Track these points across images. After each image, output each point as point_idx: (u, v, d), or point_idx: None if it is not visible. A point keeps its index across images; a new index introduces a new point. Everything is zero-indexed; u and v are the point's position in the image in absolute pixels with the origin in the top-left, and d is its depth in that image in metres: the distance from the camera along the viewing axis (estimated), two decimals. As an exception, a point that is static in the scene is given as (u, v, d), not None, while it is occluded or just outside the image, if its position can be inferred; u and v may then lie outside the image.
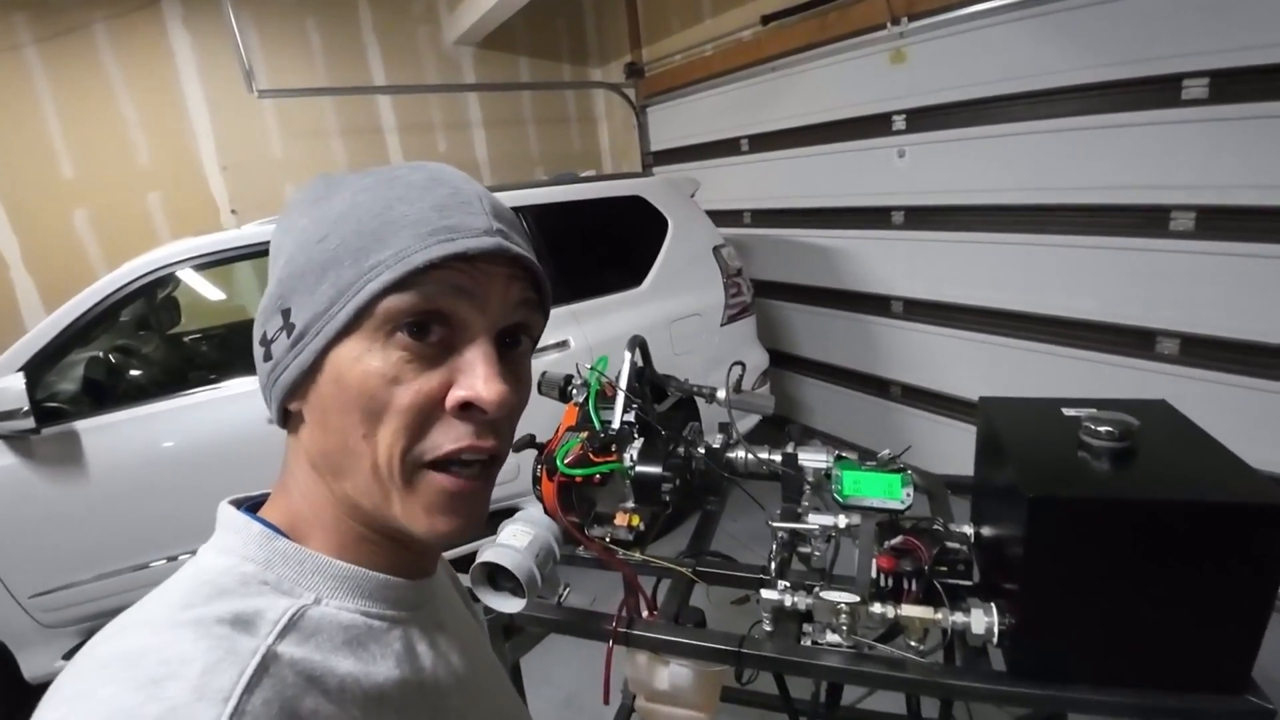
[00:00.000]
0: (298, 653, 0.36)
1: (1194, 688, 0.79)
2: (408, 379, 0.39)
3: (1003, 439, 0.90)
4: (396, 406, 0.39)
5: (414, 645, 0.44)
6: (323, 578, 0.41)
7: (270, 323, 0.42)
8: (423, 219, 0.39)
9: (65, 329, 1.96)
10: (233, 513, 0.43)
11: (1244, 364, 2.07)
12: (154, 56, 3.65)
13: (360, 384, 0.39)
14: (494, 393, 0.39)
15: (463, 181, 0.43)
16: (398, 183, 0.42)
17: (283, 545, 0.41)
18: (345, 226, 0.40)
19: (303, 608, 0.39)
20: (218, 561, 0.41)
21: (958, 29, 2.58)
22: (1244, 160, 1.97)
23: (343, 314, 0.39)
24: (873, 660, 0.90)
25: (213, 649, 0.33)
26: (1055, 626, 0.81)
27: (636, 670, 1.04)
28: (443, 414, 0.40)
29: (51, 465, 1.93)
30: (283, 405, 0.43)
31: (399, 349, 0.39)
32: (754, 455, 1.22)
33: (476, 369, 0.40)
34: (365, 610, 0.42)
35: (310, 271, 0.40)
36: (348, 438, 0.40)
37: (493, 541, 0.89)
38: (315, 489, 0.43)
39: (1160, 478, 0.80)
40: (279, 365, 0.41)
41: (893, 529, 1.01)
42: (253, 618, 0.36)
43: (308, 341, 0.40)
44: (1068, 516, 0.76)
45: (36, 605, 1.99)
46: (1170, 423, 0.91)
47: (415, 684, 0.42)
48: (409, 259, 0.38)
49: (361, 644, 0.40)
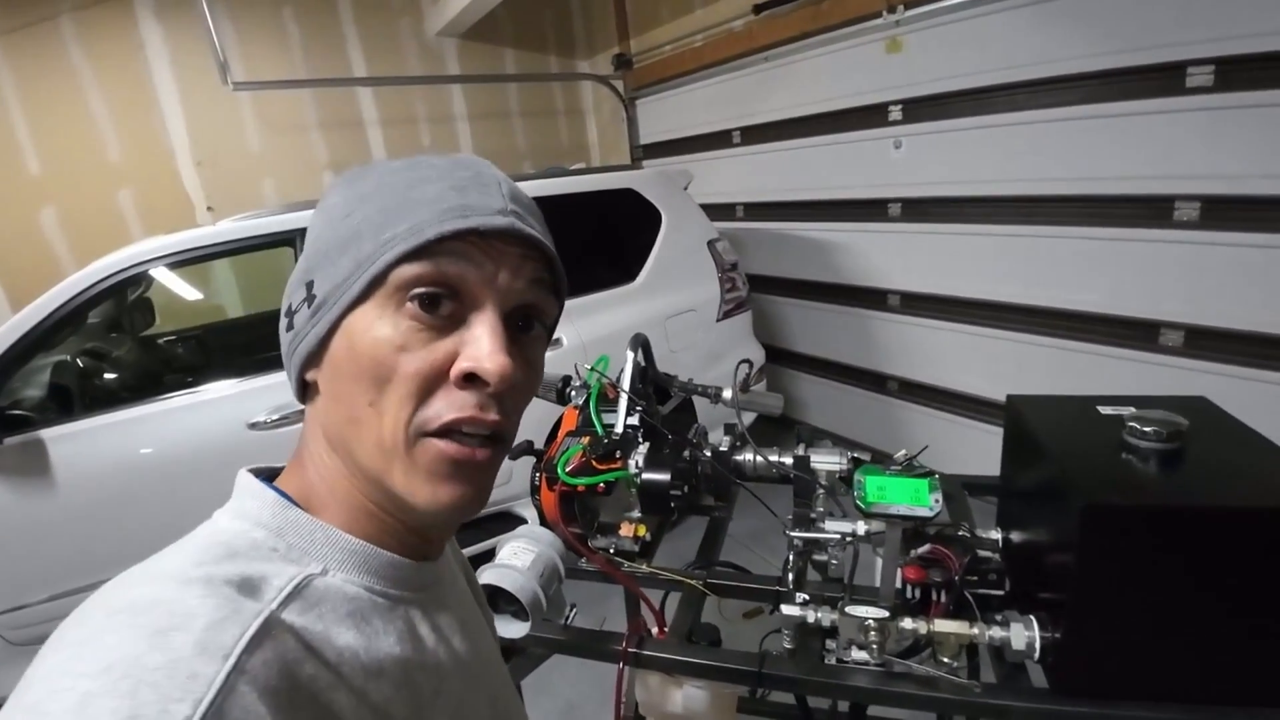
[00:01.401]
0: (299, 620, 0.37)
1: (1252, 702, 0.74)
2: (415, 347, 0.40)
3: (1040, 439, 0.84)
4: (402, 374, 0.40)
5: (416, 626, 0.45)
6: (332, 549, 0.42)
7: (295, 295, 0.43)
8: (441, 197, 0.41)
9: (28, 332, 1.85)
10: (250, 480, 0.44)
11: (1250, 355, 2.04)
12: (124, 49, 3.51)
13: (370, 350, 0.40)
14: (497, 364, 0.40)
15: (485, 167, 0.45)
16: (422, 165, 0.44)
17: (295, 515, 0.42)
18: (370, 205, 0.42)
19: (309, 577, 0.39)
20: (232, 525, 0.42)
21: (955, 16, 2.53)
22: (1249, 149, 1.94)
23: (359, 283, 0.40)
24: (905, 679, 0.84)
25: (219, 607, 0.33)
26: (1104, 640, 0.75)
27: (648, 693, 0.97)
28: (447, 383, 0.41)
29: (15, 476, 1.83)
30: (301, 375, 0.44)
31: (409, 318, 0.40)
32: (763, 458, 1.15)
33: (482, 341, 0.40)
34: (370, 586, 0.43)
35: (334, 245, 0.42)
36: (355, 406, 0.41)
37: (493, 562, 0.82)
38: (329, 462, 0.44)
39: (1214, 481, 0.75)
40: (299, 335, 0.43)
41: (918, 537, 0.95)
42: (259, 582, 0.37)
43: (326, 310, 0.41)
44: (1124, 525, 0.70)
45: (4, 623, 1.89)
46: (1216, 421, 0.86)
47: (416, 663, 0.43)
48: (423, 231, 0.39)
49: (364, 618, 0.41)
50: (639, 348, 1.19)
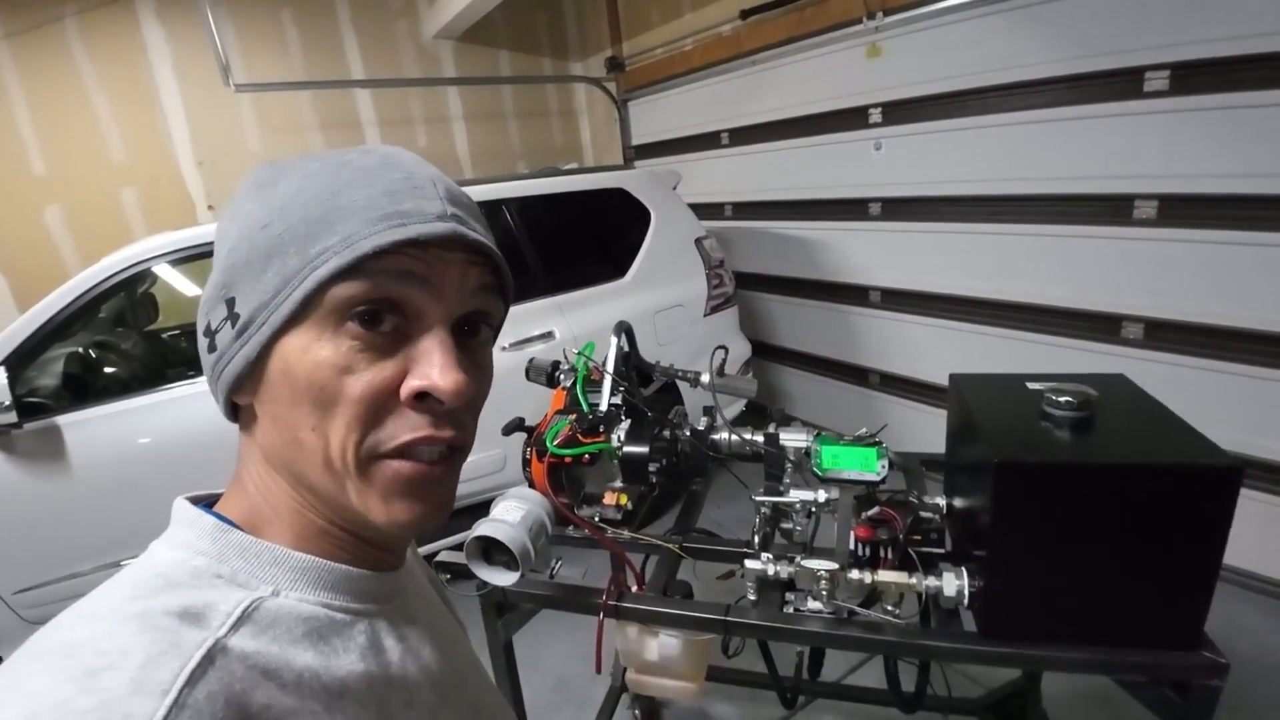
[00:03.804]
0: (251, 645, 0.35)
1: (1153, 644, 0.84)
2: (359, 369, 0.38)
3: (971, 411, 0.95)
4: (348, 397, 0.38)
5: (380, 639, 0.43)
6: (281, 569, 0.40)
7: (214, 312, 0.40)
8: (373, 204, 0.38)
9: (45, 323, 1.94)
10: (186, 507, 0.42)
11: (1205, 346, 2.15)
12: (127, 50, 3.60)
13: (309, 375, 0.38)
14: (451, 382, 0.38)
15: (416, 165, 0.42)
16: (347, 168, 0.40)
17: (237, 538, 0.40)
18: (292, 213, 0.39)
19: (258, 600, 0.38)
20: (168, 555, 0.40)
21: (932, 23, 2.64)
22: (1204, 150, 2.05)
23: (289, 303, 0.37)
24: (853, 625, 0.95)
25: (156, 641, 0.32)
26: (1022, 588, 0.86)
27: (627, 642, 1.08)
28: (397, 404, 0.39)
29: (34, 460, 1.92)
30: (230, 399, 0.42)
31: (350, 338, 0.38)
32: (738, 436, 1.26)
33: (433, 357, 0.39)
34: (327, 603, 0.41)
35: (255, 259, 0.39)
36: (298, 430, 0.39)
37: (486, 517, 0.92)
38: (270, 483, 0.42)
39: (1116, 444, 0.85)
40: (224, 357, 0.40)
41: (870, 501, 1.06)
42: (203, 610, 0.35)
43: (253, 332, 0.39)
44: (1031, 481, 0.81)
45: (20, 601, 1.98)
46: (1127, 394, 0.97)
47: (382, 677, 0.41)
48: (357, 245, 0.37)
49: (322, 637, 0.39)
50: (622, 334, 1.29)
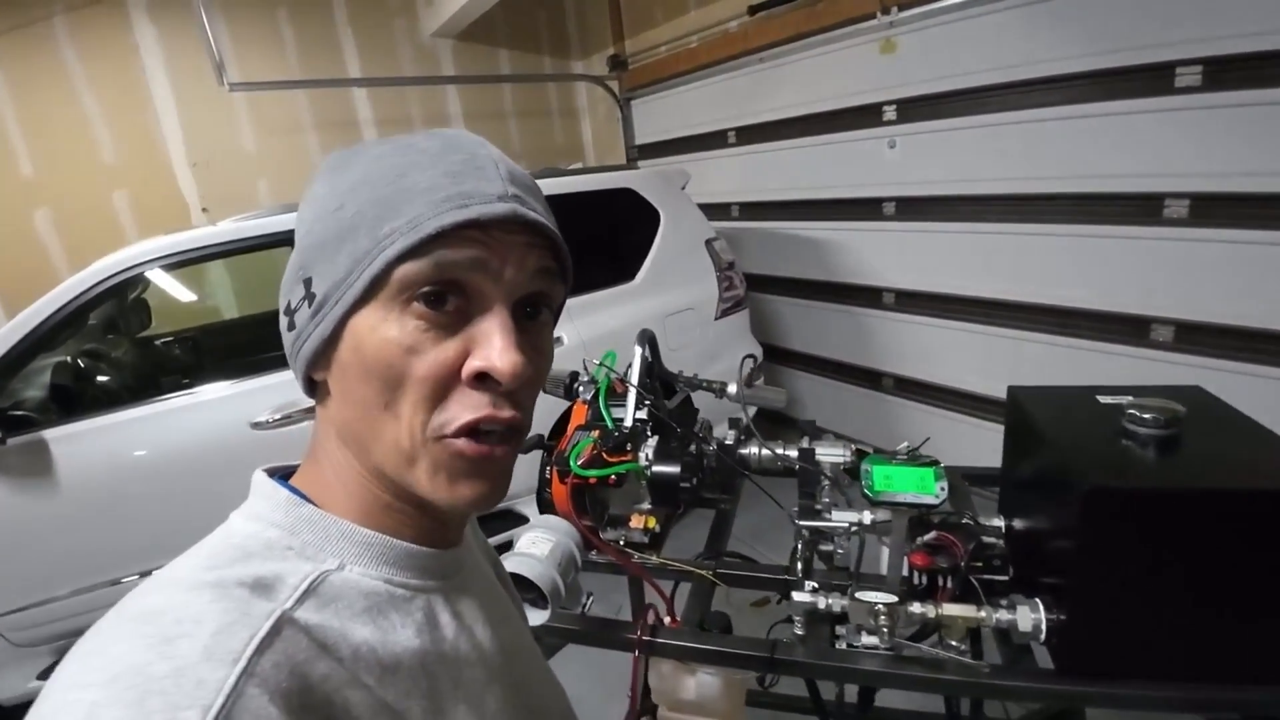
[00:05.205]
0: (314, 618, 0.37)
1: (1248, 680, 0.77)
2: (424, 349, 0.39)
3: (1041, 428, 0.87)
4: (414, 377, 0.39)
5: (437, 615, 0.45)
6: (348, 544, 0.42)
7: (293, 292, 0.42)
8: (436, 185, 0.39)
9: (30, 333, 1.85)
10: (264, 479, 0.44)
11: (1238, 349, 2.08)
12: (118, 50, 3.50)
13: (378, 353, 0.39)
14: (509, 363, 0.39)
15: (478, 147, 0.43)
16: (412, 149, 0.41)
17: (308, 511, 0.42)
18: (360, 195, 0.40)
19: (324, 573, 0.39)
20: (245, 526, 0.42)
21: (949, 18, 2.56)
22: (1237, 147, 1.98)
23: (360, 282, 0.39)
24: (914, 663, 0.86)
25: (228, 610, 0.33)
26: (1107, 621, 0.78)
27: (661, 680, 0.99)
28: (459, 384, 0.40)
29: (19, 476, 1.82)
30: (308, 375, 0.44)
31: (415, 318, 0.39)
32: (769, 451, 1.17)
33: (493, 339, 0.40)
34: (389, 578, 0.42)
35: (329, 240, 0.40)
36: (369, 408, 0.40)
37: (512, 551, 0.84)
38: (341, 458, 0.44)
39: (1211, 465, 0.78)
40: (301, 335, 0.42)
41: (923, 525, 0.97)
42: (273, 582, 0.37)
43: (328, 310, 0.40)
44: (1123, 508, 0.73)
45: (7, 624, 1.88)
46: (1212, 408, 0.89)
47: (435, 654, 0.43)
48: (421, 226, 0.38)
49: (381, 611, 0.41)
50: (646, 343, 1.21)
